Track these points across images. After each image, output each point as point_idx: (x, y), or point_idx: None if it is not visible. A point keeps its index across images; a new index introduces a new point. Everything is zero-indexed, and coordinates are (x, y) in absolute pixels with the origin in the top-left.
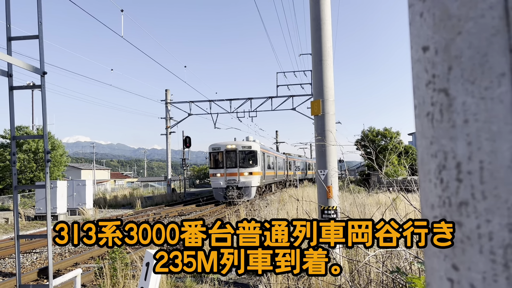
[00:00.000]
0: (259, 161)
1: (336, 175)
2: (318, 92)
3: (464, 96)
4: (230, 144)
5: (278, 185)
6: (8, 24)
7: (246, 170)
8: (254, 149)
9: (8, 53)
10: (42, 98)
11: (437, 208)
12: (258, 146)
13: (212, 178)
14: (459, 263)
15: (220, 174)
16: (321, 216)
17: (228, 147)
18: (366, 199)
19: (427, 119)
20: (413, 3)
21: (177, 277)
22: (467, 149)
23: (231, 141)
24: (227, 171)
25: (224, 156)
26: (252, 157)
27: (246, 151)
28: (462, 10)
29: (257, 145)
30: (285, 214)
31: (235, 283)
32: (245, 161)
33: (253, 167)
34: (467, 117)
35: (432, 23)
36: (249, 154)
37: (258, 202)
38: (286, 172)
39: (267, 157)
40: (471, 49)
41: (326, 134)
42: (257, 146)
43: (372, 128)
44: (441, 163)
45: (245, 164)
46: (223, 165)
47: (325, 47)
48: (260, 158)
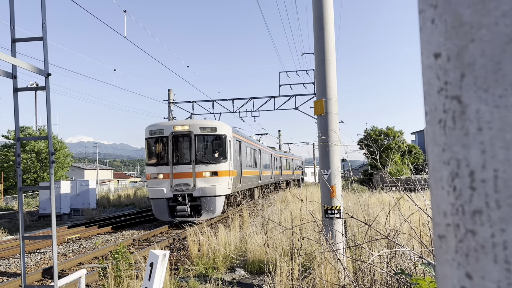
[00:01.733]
0: (229, 152)
1: (340, 174)
2: (321, 91)
3: (478, 104)
4: (181, 124)
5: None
6: (12, 26)
7: (207, 168)
8: (222, 132)
9: (12, 54)
10: (47, 100)
11: (450, 216)
12: (228, 130)
13: (150, 182)
14: (473, 271)
15: (163, 175)
16: (325, 216)
17: (176, 129)
18: (369, 198)
19: (439, 126)
20: (424, 9)
21: (181, 277)
22: (481, 157)
23: (181, 120)
24: (175, 169)
25: (169, 144)
26: (218, 146)
27: (207, 136)
28: (475, 17)
29: (227, 128)
30: (289, 214)
31: (239, 283)
32: (206, 153)
33: (220, 162)
34: (481, 125)
35: (444, 29)
36: (214, 142)
37: (261, 202)
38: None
39: (245, 149)
40: (484, 56)
41: (329, 133)
42: (226, 128)
43: (375, 127)
44: (454, 170)
45: (205, 158)
46: (167, 159)
47: (327, 47)
48: (231, 148)
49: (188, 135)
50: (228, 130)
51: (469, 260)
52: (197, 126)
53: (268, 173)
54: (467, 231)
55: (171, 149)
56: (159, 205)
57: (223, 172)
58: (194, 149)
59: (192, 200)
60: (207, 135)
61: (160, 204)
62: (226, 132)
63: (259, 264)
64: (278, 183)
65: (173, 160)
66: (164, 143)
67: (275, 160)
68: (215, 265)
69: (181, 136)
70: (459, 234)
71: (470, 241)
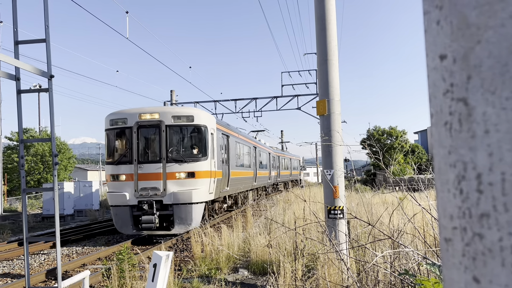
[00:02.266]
0: (211, 148)
1: (343, 175)
2: (323, 91)
3: (485, 106)
4: (149, 111)
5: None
6: (15, 28)
7: (181, 167)
8: (201, 123)
9: (15, 57)
10: (50, 102)
11: (457, 219)
12: (210, 120)
13: (111, 185)
14: (480, 275)
15: (126, 177)
16: (328, 216)
17: (143, 118)
18: (372, 198)
19: (445, 128)
20: (429, 10)
21: (184, 277)
22: (488, 160)
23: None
24: (141, 169)
25: (134, 137)
26: (196, 140)
27: (183, 127)
28: (481, 18)
29: (208, 117)
30: (292, 214)
31: (242, 284)
32: (181, 149)
33: (198, 160)
34: (488, 127)
35: (449, 31)
36: (191, 135)
37: (264, 202)
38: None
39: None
40: (491, 58)
41: (332, 134)
42: (207, 118)
43: (378, 127)
44: (460, 173)
45: (180, 155)
46: (131, 156)
47: (330, 47)
48: (214, 143)
49: (157, 126)
50: (209, 120)
51: (477, 264)
52: (169, 114)
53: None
54: (474, 235)
55: (136, 143)
56: (121, 214)
57: (203, 173)
58: (165, 143)
59: (162, 209)
60: (182, 126)
61: (122, 213)
62: (207, 122)
63: (263, 264)
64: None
65: (139, 158)
66: (128, 136)
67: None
68: (218, 265)
69: (149, 127)
70: (466, 237)
71: (478, 244)
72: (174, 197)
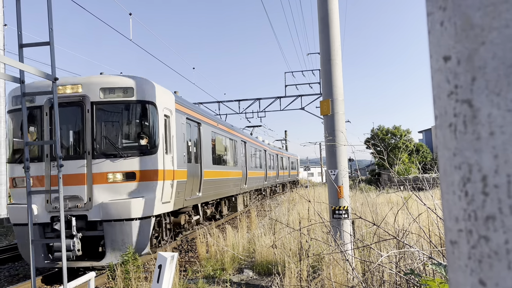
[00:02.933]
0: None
1: (347, 175)
2: (327, 91)
3: (489, 108)
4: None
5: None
6: (19, 31)
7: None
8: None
9: (20, 60)
10: (54, 104)
11: (462, 222)
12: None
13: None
14: (486, 278)
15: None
16: (332, 216)
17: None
18: (377, 198)
19: (450, 130)
20: (432, 12)
21: (189, 278)
22: (493, 162)
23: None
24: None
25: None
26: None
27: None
28: (485, 20)
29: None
30: (296, 214)
31: (247, 284)
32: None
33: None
34: (493, 129)
35: (453, 32)
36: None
37: (269, 203)
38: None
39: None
40: (496, 59)
41: (336, 133)
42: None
43: (382, 127)
44: (466, 175)
45: (114, 148)
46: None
47: (333, 47)
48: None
49: (79, 104)
50: (161, 96)
51: (483, 266)
52: (96, 86)
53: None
54: (480, 237)
55: (48, 130)
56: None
57: (149, 174)
58: (90, 129)
59: (87, 228)
60: (116, 103)
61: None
62: (157, 98)
63: (267, 265)
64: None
65: (52, 152)
66: (38, 119)
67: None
68: (223, 266)
69: (66, 105)
70: (471, 240)
71: (483, 247)
72: (104, 210)
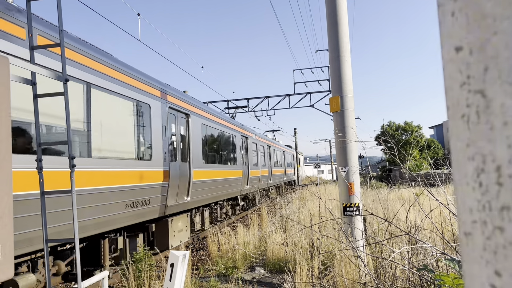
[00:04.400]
0: None
1: (358, 171)
2: (336, 88)
3: (503, 98)
4: None
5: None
6: (30, 34)
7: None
8: None
9: (31, 62)
10: (66, 105)
11: (476, 212)
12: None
13: None
14: (502, 269)
15: None
16: (344, 213)
17: None
18: (388, 195)
19: (462, 121)
20: (443, 2)
21: (201, 277)
22: (508, 152)
23: None
24: None
25: None
26: None
27: None
28: (497, 9)
29: None
30: (307, 212)
31: (259, 282)
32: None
33: None
34: (507, 119)
35: (465, 22)
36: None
37: (279, 200)
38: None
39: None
40: (508, 49)
41: (346, 130)
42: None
43: (392, 123)
44: (479, 166)
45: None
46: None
47: (342, 43)
48: None
49: None
50: None
51: (498, 257)
52: None
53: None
54: (494, 228)
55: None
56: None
57: None
58: None
59: None
60: None
61: None
62: None
63: (279, 262)
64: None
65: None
66: None
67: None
68: (235, 264)
69: None
70: (486, 231)
71: (498, 238)
72: None
